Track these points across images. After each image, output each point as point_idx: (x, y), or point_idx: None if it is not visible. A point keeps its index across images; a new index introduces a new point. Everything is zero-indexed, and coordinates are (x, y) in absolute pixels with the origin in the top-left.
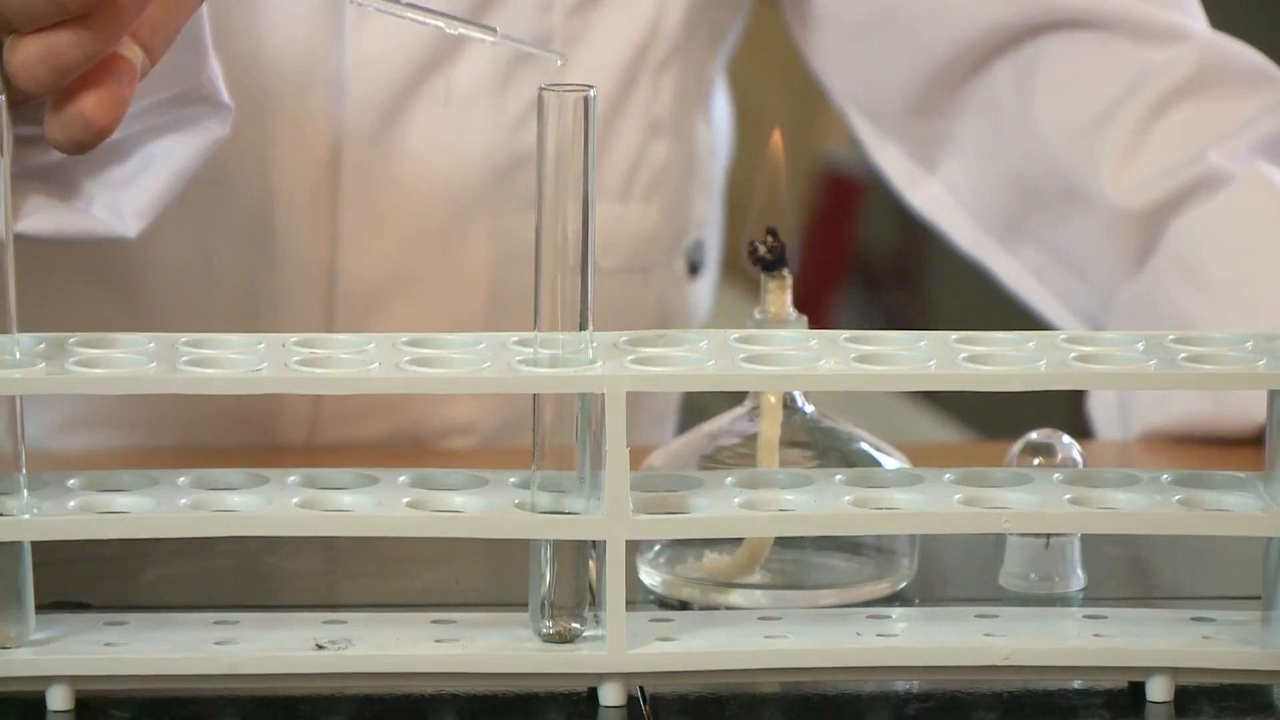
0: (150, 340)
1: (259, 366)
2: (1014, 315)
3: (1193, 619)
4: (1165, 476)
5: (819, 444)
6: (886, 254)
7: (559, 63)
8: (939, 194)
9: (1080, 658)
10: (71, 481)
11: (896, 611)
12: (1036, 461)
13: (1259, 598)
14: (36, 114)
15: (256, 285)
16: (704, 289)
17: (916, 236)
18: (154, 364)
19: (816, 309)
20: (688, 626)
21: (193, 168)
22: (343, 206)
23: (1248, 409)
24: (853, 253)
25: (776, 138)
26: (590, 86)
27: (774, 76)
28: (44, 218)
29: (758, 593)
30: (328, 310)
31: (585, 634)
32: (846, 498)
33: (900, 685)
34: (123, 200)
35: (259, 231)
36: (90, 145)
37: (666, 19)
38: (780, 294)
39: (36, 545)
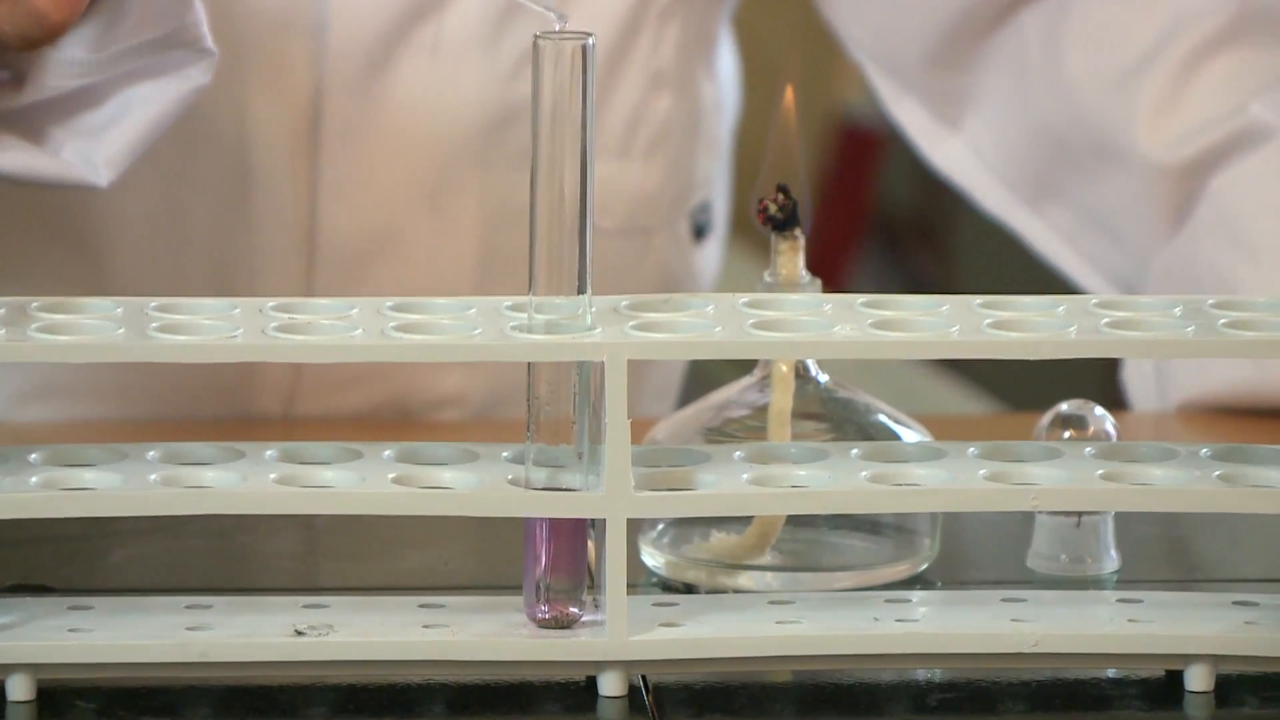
0: (118, 305)
1: (234, 333)
2: (1042, 279)
3: (1234, 603)
4: (1205, 450)
5: (834, 416)
6: (906, 214)
7: (558, 25)
8: (962, 151)
9: (1114, 645)
10: (33, 456)
11: (917, 595)
12: (1067, 434)
13: None
14: (2, 58)
15: (231, 245)
16: (710, 253)
17: (938, 196)
18: (122, 330)
19: (831, 272)
20: (693, 611)
21: (171, 116)
22: (324, 161)
23: None
24: (870, 212)
25: (789, 95)
26: (588, 34)
27: (784, 26)
28: (14, 155)
29: (768, 575)
30: (307, 272)
31: (583, 619)
32: (863, 473)
33: (921, 674)
34: (95, 148)
35: (234, 188)
36: (40, 42)
37: None
38: (792, 256)
39: None
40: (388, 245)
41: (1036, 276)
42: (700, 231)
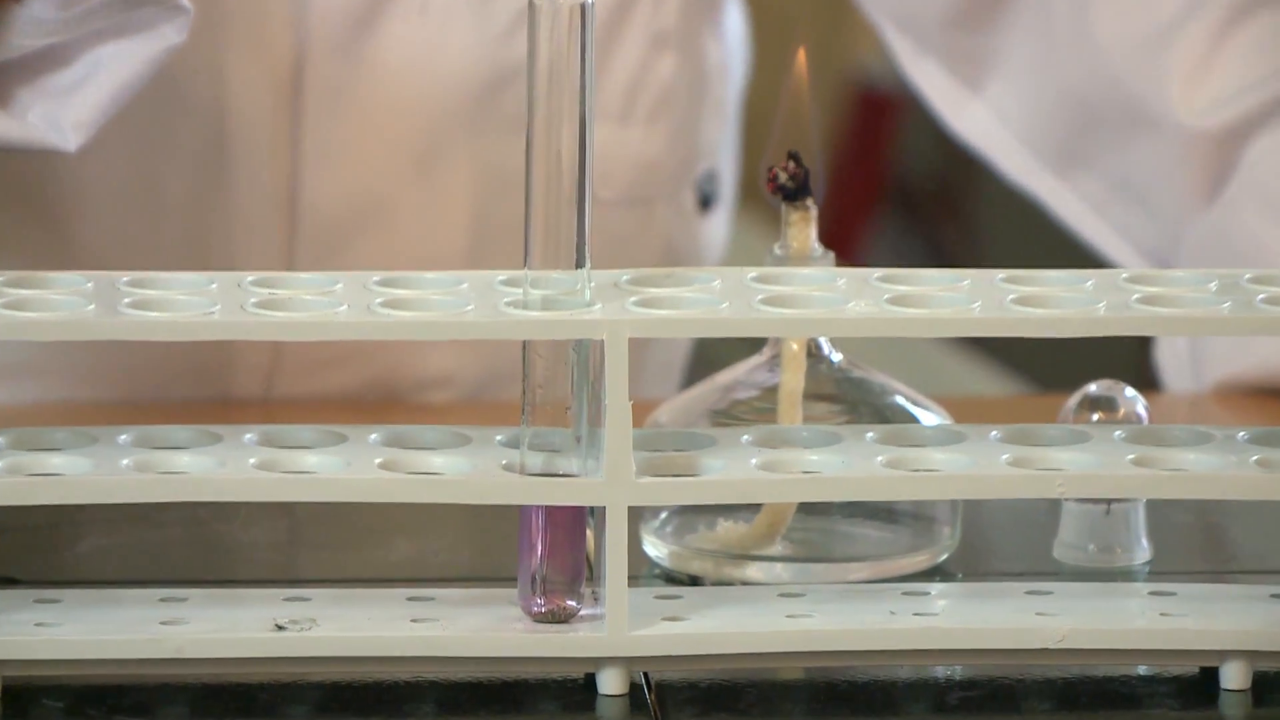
0: (88, 280)
1: (211, 310)
2: (1070, 252)
3: (1272, 596)
4: (1242, 434)
5: (848, 397)
6: (925, 182)
7: None
8: (984, 116)
9: (1145, 640)
10: None
11: (936, 587)
12: (1096, 417)
13: None
14: None
15: (208, 216)
16: (716, 225)
17: (959, 163)
18: (92, 306)
19: (845, 244)
20: (698, 604)
21: (142, 77)
22: (306, 126)
23: None
24: (886, 181)
25: (800, 57)
26: None
27: None
28: None
29: (778, 566)
30: (288, 245)
31: (582, 613)
32: (879, 458)
33: (940, 671)
34: (63, 110)
35: (211, 154)
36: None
37: None
38: (803, 227)
39: None
40: (374, 216)
41: (1063, 249)
42: (706, 201)
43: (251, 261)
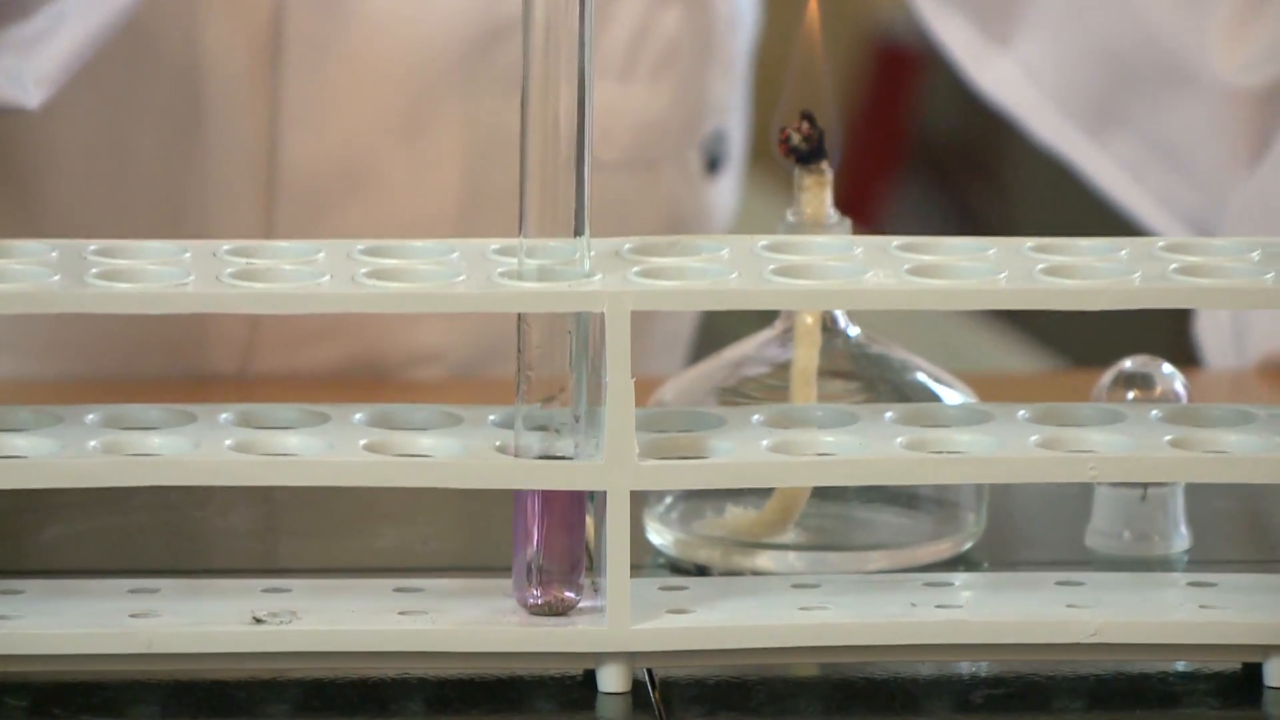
0: (52, 248)
1: (185, 280)
2: (1104, 218)
3: None
4: None
5: (865, 374)
6: (948, 144)
7: None
8: (1012, 73)
9: (1184, 634)
10: None
11: (960, 578)
12: (1131, 395)
13: None
14: None
15: (181, 180)
16: (725, 188)
17: (985, 123)
18: (57, 277)
19: (863, 210)
20: (705, 596)
21: (110, 29)
22: (286, 84)
23: None
24: (907, 143)
25: (813, 8)
26: None
27: None
28: None
29: (791, 555)
30: (267, 212)
31: (581, 606)
32: (899, 439)
33: (964, 667)
34: (24, 64)
35: (184, 115)
36: None
37: None
38: (818, 192)
39: None
40: (358, 181)
41: (1096, 215)
42: (713, 164)
43: (227, 229)
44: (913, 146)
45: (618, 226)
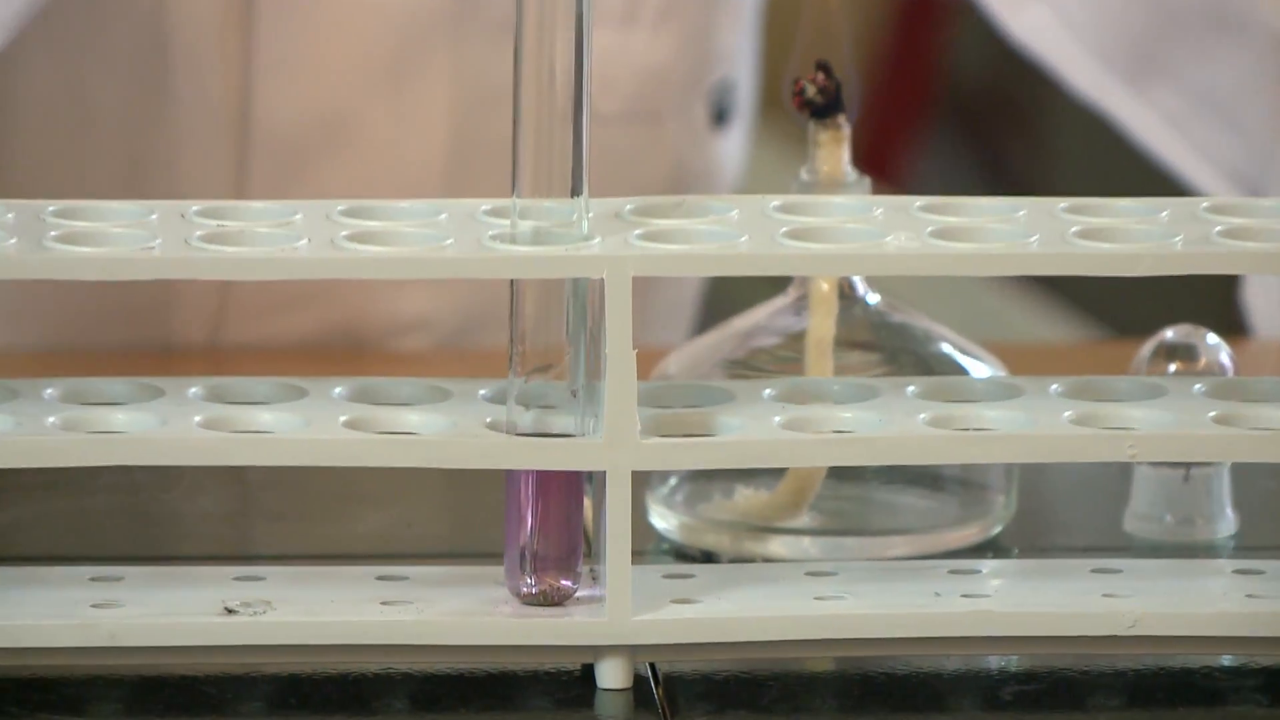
0: (8, 209)
1: (151, 244)
2: (1144, 176)
3: None
4: None
5: (886, 345)
6: (977, 96)
7: None
8: (1047, 18)
9: (1229, 626)
10: None
11: (988, 565)
12: (1173, 368)
13: None
14: None
15: (146, 134)
16: (733, 144)
17: (1017, 73)
18: (14, 240)
19: (884, 168)
20: (713, 585)
21: None
22: (260, 31)
23: None
24: (932, 94)
25: None
26: None
27: None
28: None
29: (805, 540)
30: (239, 170)
31: (578, 595)
32: (922, 416)
33: (993, 662)
34: None
35: (150, 64)
36: None
37: None
38: (835, 149)
39: None
40: (337, 136)
41: (1137, 172)
42: (721, 116)
43: (197, 188)
44: (938, 99)
45: (618, 185)
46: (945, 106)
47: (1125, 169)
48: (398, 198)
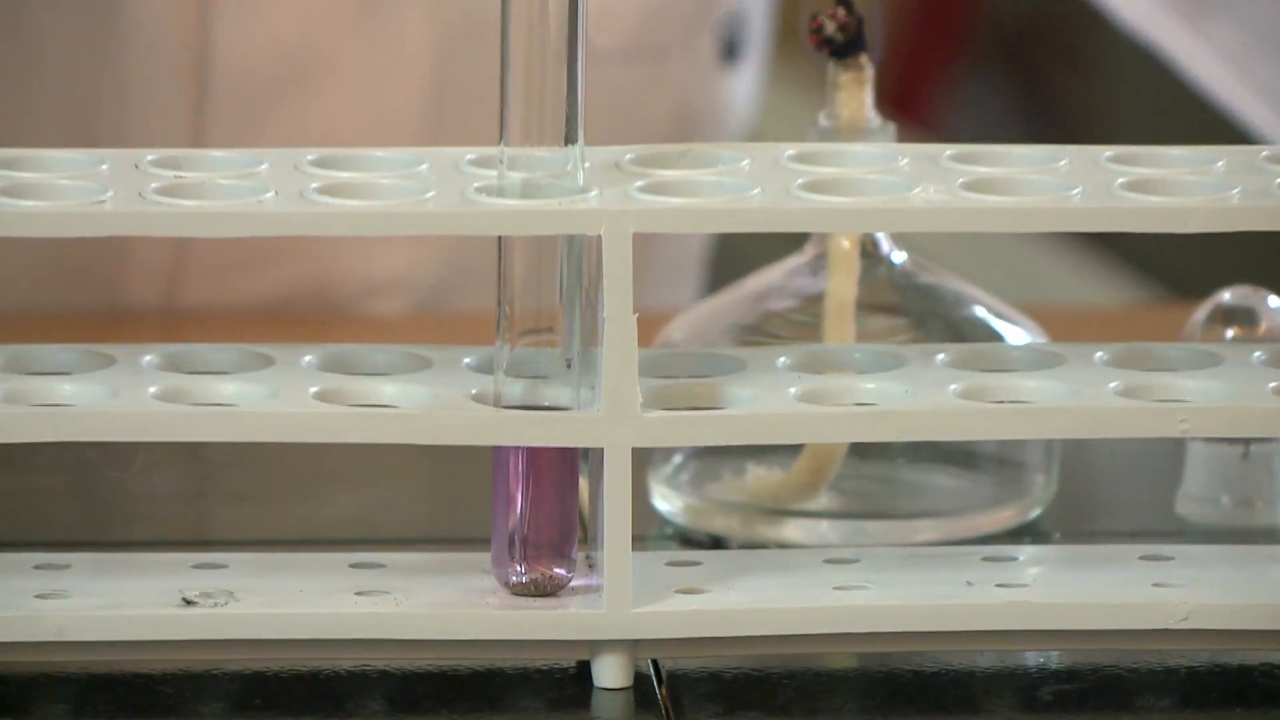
0: None
1: (101, 197)
2: (1201, 118)
3: None
4: None
5: (913, 308)
6: (1017, 31)
7: None
8: None
9: None
10: None
11: (1026, 551)
12: (1230, 333)
13: None
14: None
15: (94, 75)
16: (744, 84)
17: (1062, 7)
18: None
19: (911, 112)
20: (722, 573)
21: None
22: None
23: None
24: (966, 30)
25: None
26: None
27: None
28: None
29: (824, 524)
30: (196, 113)
31: (573, 585)
32: (953, 387)
33: (1031, 658)
34: None
35: None
36: None
37: None
38: (856, 91)
39: None
40: (304, 77)
41: (1192, 116)
42: (730, 52)
43: (150, 133)
44: (972, 34)
45: (617, 131)
46: (980, 43)
47: (1179, 112)
48: (372, 145)
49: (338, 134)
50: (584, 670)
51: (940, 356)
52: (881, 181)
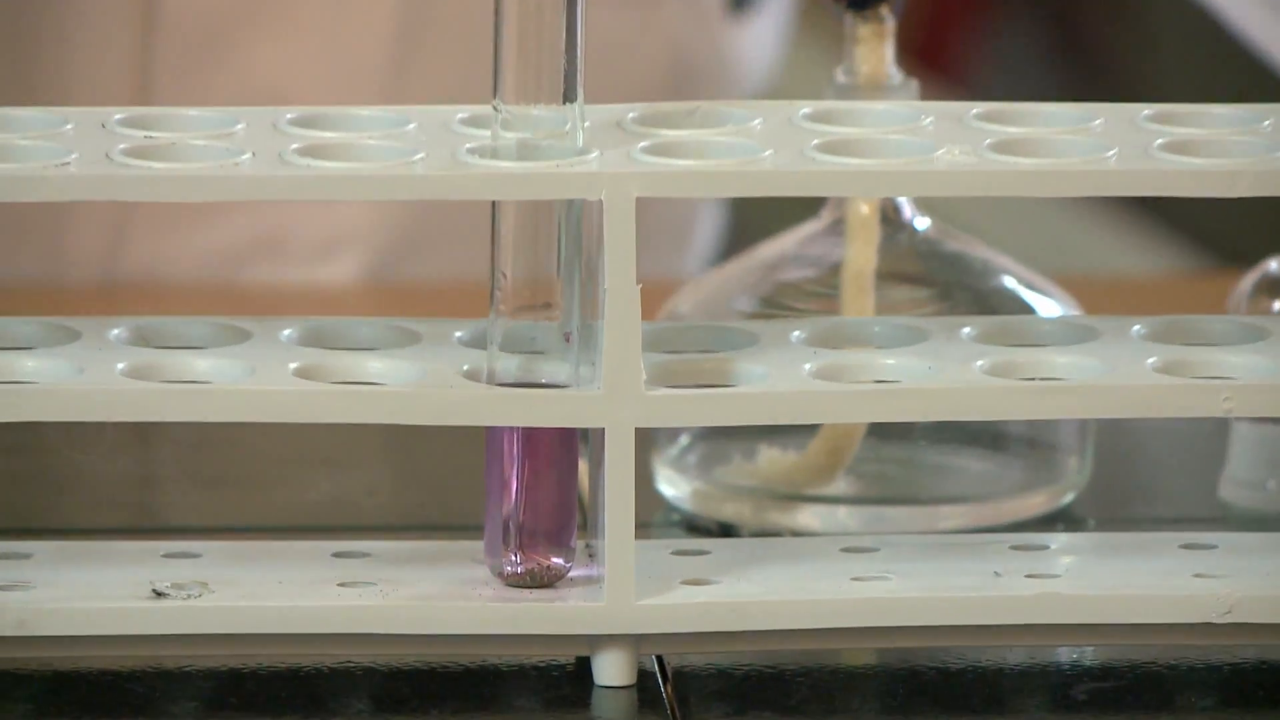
0: None
1: (65, 159)
2: (1247, 75)
3: None
4: None
5: (938, 278)
6: None
7: None
8: None
9: None
10: None
11: (1058, 539)
12: (1278, 305)
13: None
14: None
15: (34, 22)
16: (757, 36)
17: None
18: None
19: (936, 68)
20: (731, 563)
21: None
22: None
23: None
24: None
25: None
26: None
27: None
28: None
29: (841, 510)
30: (142, 55)
31: (572, 575)
32: (980, 363)
33: (1063, 655)
34: None
35: None
36: None
37: None
38: (876, 45)
39: None
40: (258, 16)
41: (1239, 70)
42: (739, 1)
43: (92, 78)
44: None
45: (617, 85)
46: None
47: (1227, 67)
48: (335, 93)
49: (294, 81)
50: (583, 667)
51: (966, 330)
52: (903, 142)
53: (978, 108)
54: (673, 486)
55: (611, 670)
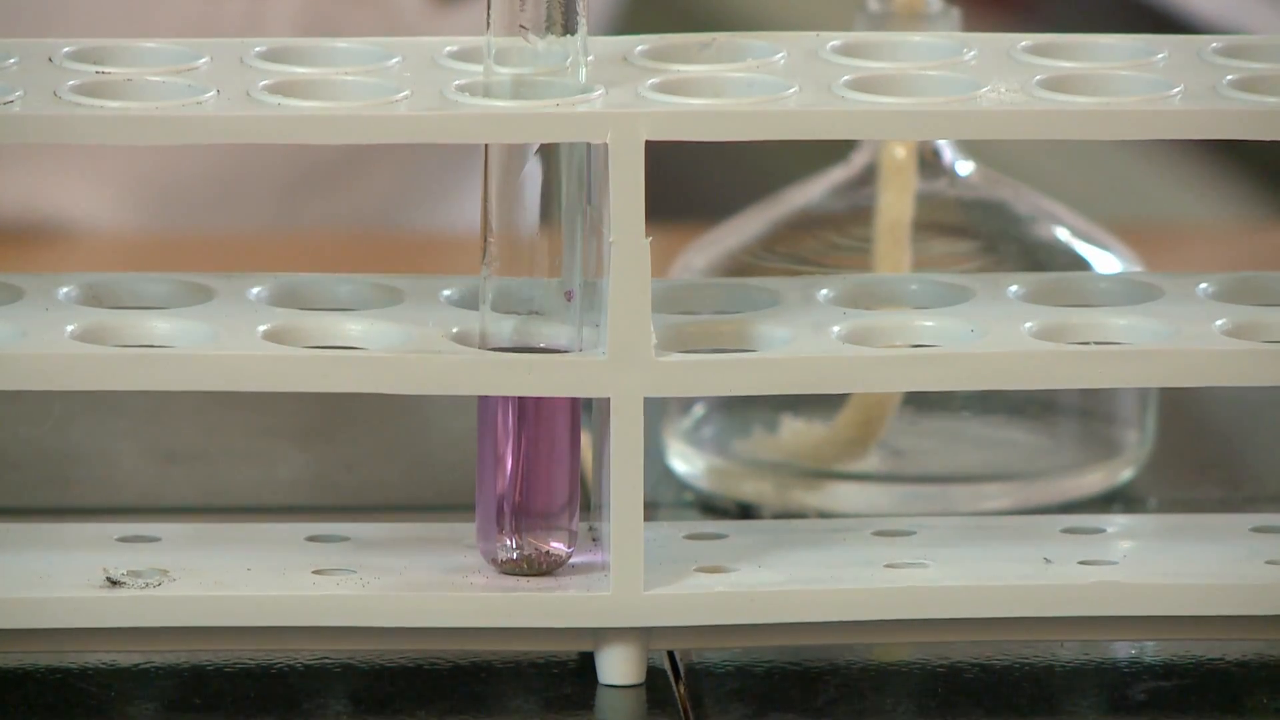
0: None
1: (9, 98)
2: None
3: None
4: None
5: (982, 230)
6: None
7: None
8: None
9: None
10: None
11: (1116, 522)
12: None
13: None
14: None
15: None
16: None
17: None
18: None
19: None
20: (751, 549)
21: None
22: None
23: None
24: None
25: None
26: None
27: None
28: None
29: (873, 489)
30: None
31: (574, 562)
32: (1028, 325)
33: (1121, 650)
34: None
35: None
36: None
37: None
38: None
39: None
40: None
41: None
42: None
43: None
44: None
45: (626, 19)
46: None
47: None
48: (315, 32)
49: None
50: (586, 664)
51: (1013, 288)
52: (943, 78)
53: (1027, 39)
54: (686, 463)
55: (617, 667)
